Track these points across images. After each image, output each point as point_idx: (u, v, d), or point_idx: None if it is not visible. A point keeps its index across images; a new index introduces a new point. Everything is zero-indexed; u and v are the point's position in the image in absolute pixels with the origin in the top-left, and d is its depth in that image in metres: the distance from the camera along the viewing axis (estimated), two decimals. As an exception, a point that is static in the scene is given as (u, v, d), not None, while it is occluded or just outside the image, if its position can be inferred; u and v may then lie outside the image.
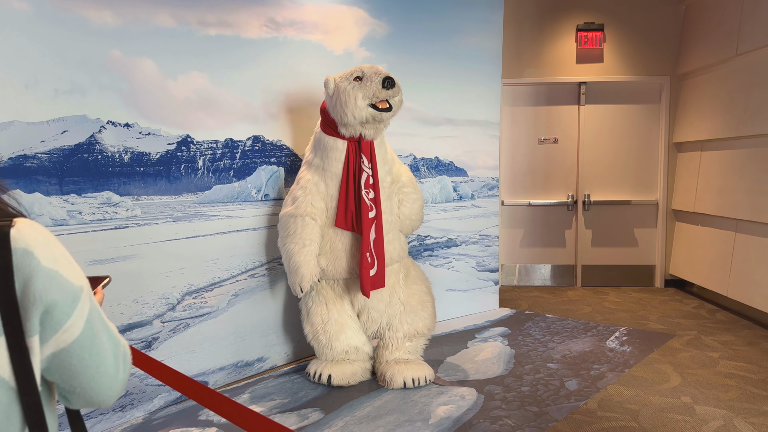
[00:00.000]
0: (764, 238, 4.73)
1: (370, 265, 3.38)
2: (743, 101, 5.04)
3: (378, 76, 3.28)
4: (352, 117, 3.27)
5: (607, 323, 4.92)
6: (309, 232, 3.38)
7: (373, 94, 3.26)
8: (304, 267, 3.35)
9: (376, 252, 3.41)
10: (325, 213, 3.46)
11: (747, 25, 4.99)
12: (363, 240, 3.37)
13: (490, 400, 3.34)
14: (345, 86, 3.29)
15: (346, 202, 3.41)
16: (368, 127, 3.37)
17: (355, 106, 3.25)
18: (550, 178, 6.45)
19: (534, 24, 6.21)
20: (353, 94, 3.25)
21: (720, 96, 5.42)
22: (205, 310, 3.47)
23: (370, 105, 3.28)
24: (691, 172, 5.92)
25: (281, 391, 3.50)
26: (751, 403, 3.29)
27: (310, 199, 3.42)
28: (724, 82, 5.37)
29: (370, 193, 3.41)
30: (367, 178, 3.41)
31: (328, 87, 3.37)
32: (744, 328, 4.75)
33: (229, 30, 3.55)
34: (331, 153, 3.42)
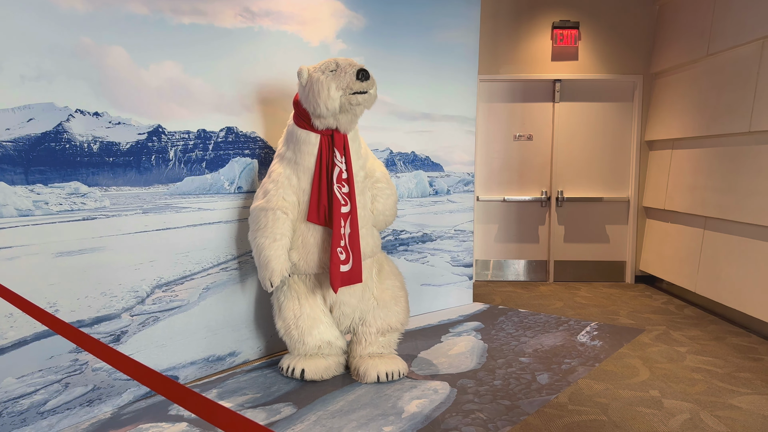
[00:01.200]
0: (731, 236, 4.83)
1: (343, 261, 3.36)
2: (714, 101, 5.13)
3: (353, 68, 3.26)
4: (325, 108, 3.24)
5: (579, 318, 4.99)
6: (280, 226, 3.35)
7: (347, 85, 3.23)
8: (275, 261, 3.32)
9: (352, 247, 3.39)
10: (297, 207, 3.44)
11: (718, 26, 5.08)
12: (334, 235, 3.34)
13: (463, 394, 3.36)
14: (318, 76, 3.26)
15: (319, 197, 3.38)
16: (342, 117, 3.33)
17: (328, 97, 3.22)
18: (525, 175, 6.50)
19: (510, 21, 6.24)
20: (327, 84, 3.22)
21: (691, 95, 5.52)
22: (175, 303, 3.42)
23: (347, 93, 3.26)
24: (662, 170, 6.02)
25: (253, 386, 3.47)
26: (716, 396, 3.36)
27: (281, 192, 3.39)
28: (696, 81, 5.46)
29: (344, 188, 3.39)
30: (339, 172, 3.38)
31: (301, 77, 3.34)
32: (711, 324, 4.85)
33: (203, 19, 3.49)
34: (304, 146, 3.39)
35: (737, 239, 4.74)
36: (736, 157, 4.79)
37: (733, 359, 3.98)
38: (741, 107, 4.70)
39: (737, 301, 4.66)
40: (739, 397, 3.35)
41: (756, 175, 4.50)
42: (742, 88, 4.73)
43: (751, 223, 4.52)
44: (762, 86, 4.47)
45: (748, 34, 4.63)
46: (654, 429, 2.96)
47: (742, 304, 4.59)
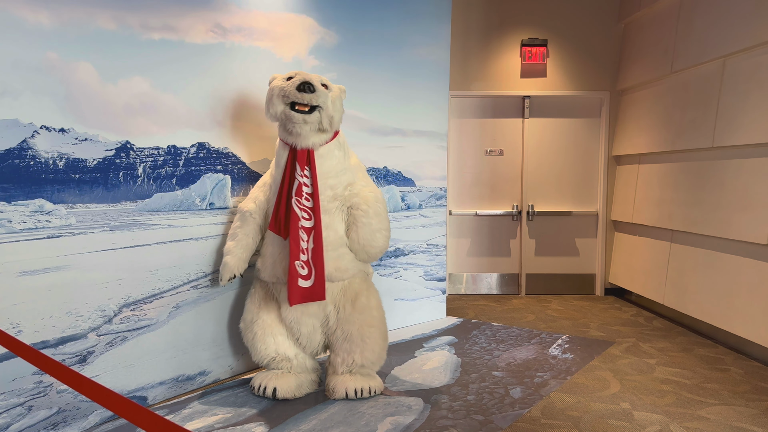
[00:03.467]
0: (697, 248, 4.94)
1: (304, 276, 3.31)
2: (678, 116, 5.27)
3: (300, 78, 3.28)
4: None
5: (550, 331, 5.03)
6: (244, 227, 3.54)
7: (286, 94, 3.27)
8: (229, 257, 3.50)
9: (315, 263, 3.32)
10: (266, 214, 3.57)
11: (681, 44, 5.24)
12: (292, 249, 3.30)
13: (437, 410, 3.35)
14: (275, 82, 3.38)
15: (278, 208, 3.39)
16: (287, 132, 3.38)
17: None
18: (496, 189, 6.57)
19: (480, 38, 6.34)
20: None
21: (656, 111, 5.65)
22: (144, 322, 3.35)
23: (287, 105, 3.28)
24: (630, 185, 6.14)
25: (224, 406, 3.41)
26: (685, 408, 3.42)
27: (255, 196, 3.58)
28: (661, 98, 5.61)
29: (308, 202, 3.35)
30: (299, 186, 3.34)
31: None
32: (679, 335, 4.94)
33: (173, 35, 3.46)
34: (278, 158, 3.50)
35: (703, 252, 4.86)
36: (701, 171, 4.91)
37: (701, 370, 4.05)
38: (704, 123, 4.84)
39: (704, 313, 4.76)
40: (707, 408, 3.41)
41: (720, 190, 4.63)
42: (705, 105, 4.86)
43: (716, 236, 4.63)
44: (724, 103, 4.61)
45: (709, 53, 4.78)
46: (625, 441, 2.99)
47: (709, 316, 4.69)
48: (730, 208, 4.47)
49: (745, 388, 3.73)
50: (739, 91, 4.44)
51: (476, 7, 6.30)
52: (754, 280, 4.21)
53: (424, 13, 5.07)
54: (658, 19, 5.66)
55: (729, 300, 4.46)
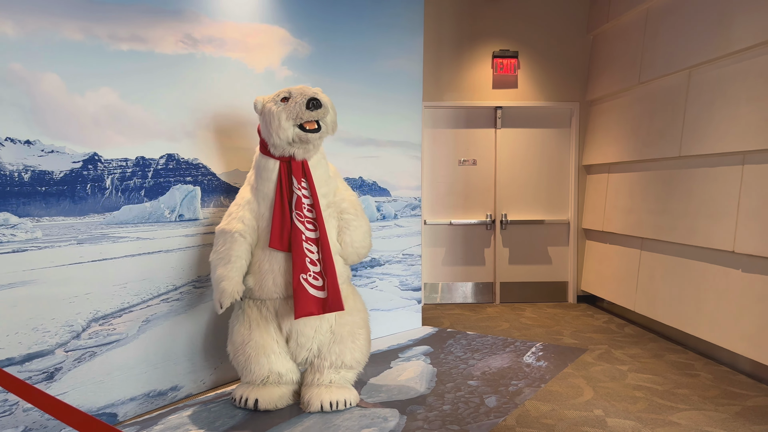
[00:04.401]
0: (667, 255, 5.03)
1: (318, 287, 3.32)
2: (646, 126, 5.38)
3: (303, 97, 3.28)
4: (278, 138, 3.29)
5: (524, 339, 5.06)
6: (236, 249, 3.37)
7: (297, 115, 3.26)
8: (225, 282, 3.32)
9: (327, 272, 3.34)
10: (255, 232, 3.44)
11: (648, 56, 5.35)
12: (296, 262, 3.29)
13: (413, 421, 3.34)
14: (271, 107, 3.32)
15: (282, 223, 3.35)
16: (296, 147, 3.35)
17: (279, 127, 3.27)
18: (470, 198, 6.61)
19: (452, 50, 6.40)
20: (278, 116, 3.27)
21: (625, 121, 5.76)
22: (113, 337, 3.28)
23: (297, 126, 3.27)
24: (600, 193, 6.24)
25: (197, 421, 3.35)
26: (657, 413, 3.46)
27: (241, 215, 3.42)
28: (629, 108, 5.72)
29: (311, 213, 3.37)
30: (298, 199, 3.36)
31: (256, 108, 3.41)
32: (650, 341, 5.01)
33: (142, 45, 3.42)
34: (263, 173, 3.42)
35: (672, 259, 4.95)
36: (668, 180, 5.01)
37: (672, 376, 4.11)
38: (671, 133, 4.95)
39: (673, 319, 4.84)
40: (678, 413, 3.46)
41: (687, 198, 4.73)
42: (671, 115, 4.97)
43: (684, 243, 4.72)
44: (690, 113, 4.72)
45: (676, 64, 4.89)
46: (598, 448, 3.01)
47: (678, 322, 4.77)
48: (697, 215, 4.57)
49: (714, 392, 3.79)
50: (704, 102, 4.55)
51: (448, 19, 6.37)
52: (721, 286, 4.30)
53: (396, 25, 5.11)
54: (626, 31, 5.79)
55: (697, 306, 4.54)
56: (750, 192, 4.03)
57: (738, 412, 3.46)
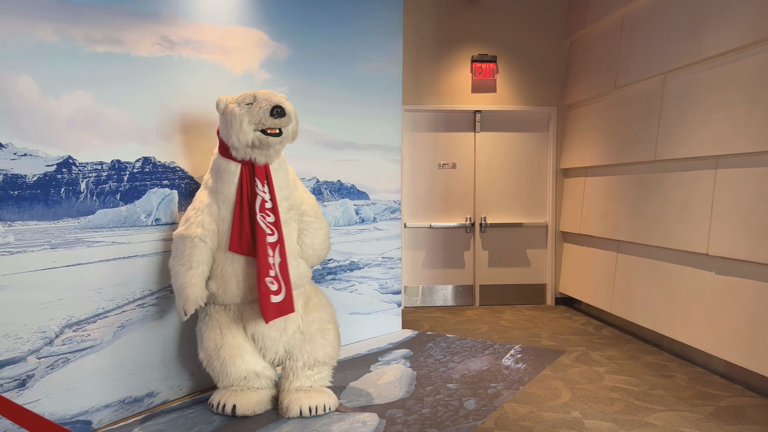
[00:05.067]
0: (642, 258, 5.10)
1: (275, 291, 3.30)
2: (622, 131, 5.45)
3: (268, 103, 3.25)
4: (237, 140, 3.26)
5: (503, 341, 5.09)
6: (197, 254, 3.32)
7: (259, 121, 3.24)
8: (189, 289, 3.27)
9: (283, 276, 3.33)
10: (216, 236, 3.40)
11: (624, 62, 5.43)
12: (260, 265, 3.28)
13: (392, 425, 3.33)
14: (233, 108, 3.29)
15: (241, 226, 3.33)
16: (257, 152, 3.33)
17: (240, 130, 3.24)
18: (450, 202, 6.64)
19: (432, 54, 6.43)
20: (240, 118, 3.24)
21: (601, 126, 5.84)
22: (87, 343, 3.23)
23: (259, 130, 3.26)
24: (577, 197, 6.31)
25: (173, 428, 3.31)
26: (633, 414, 3.50)
27: (200, 220, 3.36)
28: (605, 112, 5.79)
29: (269, 217, 3.35)
30: (262, 201, 3.34)
31: (218, 107, 3.37)
32: (627, 343, 5.07)
33: (118, 47, 3.38)
34: (224, 175, 3.38)
35: (647, 261, 5.02)
36: (644, 184, 5.09)
37: (648, 377, 4.17)
38: (646, 137, 5.02)
39: (649, 321, 4.91)
40: (654, 414, 3.51)
41: (662, 201, 4.80)
42: (647, 120, 5.05)
43: (659, 246, 4.79)
44: (665, 118, 4.80)
45: (651, 70, 4.97)
46: (575, 450, 3.03)
47: (654, 324, 4.83)
48: (671, 218, 4.64)
49: (689, 393, 3.85)
50: (678, 107, 4.63)
51: (427, 23, 6.40)
52: (695, 288, 4.37)
53: (375, 28, 5.12)
54: (602, 37, 5.87)
55: (672, 308, 4.61)
56: (723, 196, 4.11)
57: (712, 413, 3.52)
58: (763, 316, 3.72)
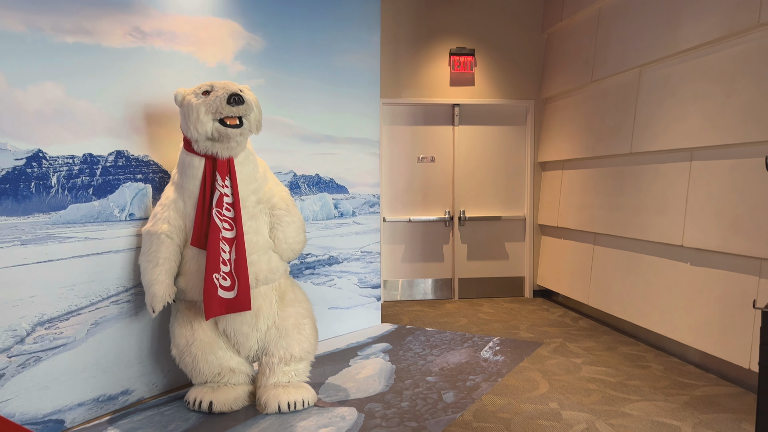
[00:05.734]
0: (618, 250, 5.15)
1: (227, 287, 3.26)
2: (598, 124, 5.49)
3: (225, 92, 3.20)
4: (195, 131, 3.21)
5: (482, 334, 5.11)
6: (164, 251, 3.29)
7: (216, 110, 3.18)
8: (156, 286, 3.25)
9: (238, 273, 3.28)
10: (183, 231, 3.36)
11: (600, 55, 5.46)
12: (209, 260, 3.22)
13: (371, 419, 3.33)
14: (191, 99, 3.24)
15: (202, 221, 3.29)
16: (218, 145, 3.27)
17: (197, 120, 3.18)
18: (429, 195, 6.64)
19: (410, 47, 6.40)
20: (197, 108, 3.19)
21: (578, 119, 5.87)
22: (60, 341, 3.16)
23: (218, 120, 3.20)
24: (554, 190, 6.35)
25: (149, 425, 3.26)
26: (610, 405, 3.54)
27: (167, 216, 3.33)
28: (582, 106, 5.83)
29: (230, 212, 3.29)
30: (220, 197, 3.28)
31: (177, 100, 3.31)
32: (604, 334, 5.12)
33: (88, 38, 3.30)
34: (188, 170, 3.33)
35: (623, 253, 5.07)
36: (620, 176, 5.13)
37: (624, 368, 4.21)
38: (622, 130, 5.06)
39: (626, 312, 4.96)
40: (630, 404, 3.55)
41: (638, 193, 4.85)
42: (623, 113, 5.09)
43: (635, 238, 4.84)
44: (640, 111, 4.84)
45: (627, 63, 5.01)
46: (553, 441, 3.06)
47: (630, 315, 4.89)
48: (647, 210, 4.69)
49: (665, 383, 3.90)
50: (653, 99, 4.68)
51: (405, 15, 6.37)
52: (670, 280, 4.43)
53: (353, 20, 5.07)
54: (579, 30, 5.90)
55: (648, 299, 4.67)
56: (697, 188, 4.16)
57: (687, 402, 3.57)
58: (736, 306, 3.78)
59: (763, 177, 3.59)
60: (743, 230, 3.71)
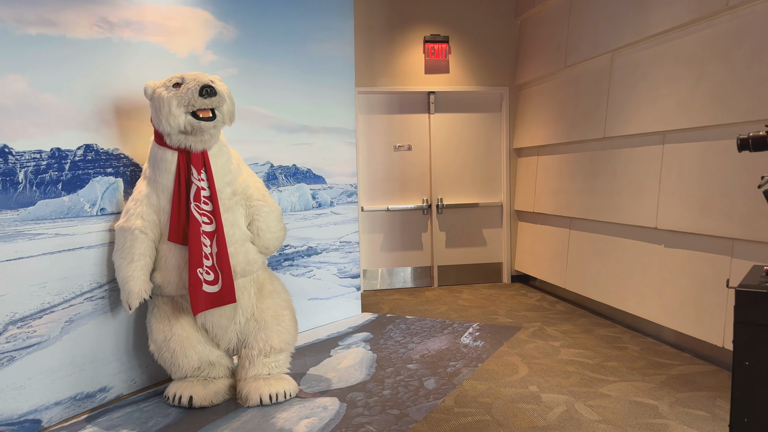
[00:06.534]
0: (594, 234, 5.21)
1: (211, 282, 3.23)
2: (572, 109, 5.53)
3: (196, 83, 3.15)
4: (168, 125, 3.16)
5: (462, 320, 5.14)
6: (138, 246, 3.24)
7: (189, 102, 3.14)
8: (131, 283, 3.21)
9: (221, 266, 3.26)
10: (157, 227, 3.31)
11: (573, 40, 5.49)
12: (192, 255, 3.19)
13: (353, 408, 3.33)
14: (161, 92, 3.18)
15: (179, 216, 3.25)
16: (191, 138, 3.22)
17: (169, 114, 3.14)
18: (407, 184, 6.63)
19: (384, 34, 6.36)
20: (168, 102, 3.14)
21: (552, 105, 5.91)
22: (33, 340, 3.10)
23: (190, 113, 3.16)
24: (530, 175, 6.39)
25: (128, 422, 3.22)
26: (588, 386, 3.59)
27: (140, 211, 3.27)
28: (556, 91, 5.86)
29: (206, 206, 3.26)
30: (197, 190, 3.24)
31: (146, 94, 3.25)
32: (581, 317, 5.19)
33: (53, 29, 3.21)
34: (161, 164, 3.28)
35: (599, 237, 5.13)
36: (594, 161, 5.18)
37: (602, 349, 4.28)
38: (596, 115, 5.11)
39: (602, 295, 5.03)
40: (608, 385, 3.60)
41: (612, 177, 4.90)
42: (596, 98, 5.13)
43: (610, 221, 4.90)
44: (613, 95, 4.88)
45: (599, 48, 5.04)
46: (534, 424, 3.09)
47: (607, 297, 4.96)
48: (621, 194, 4.75)
49: (641, 363, 3.97)
50: (626, 84, 4.72)
51: (378, 3, 6.32)
52: (645, 262, 4.50)
53: (325, 7, 5.02)
54: (551, 15, 5.91)
55: (624, 281, 4.73)
56: (670, 170, 4.22)
57: (663, 381, 3.64)
58: (709, 286, 3.85)
59: (733, 158, 3.66)
60: (715, 211, 3.78)
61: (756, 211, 3.46)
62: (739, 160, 3.61)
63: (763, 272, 2.23)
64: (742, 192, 3.58)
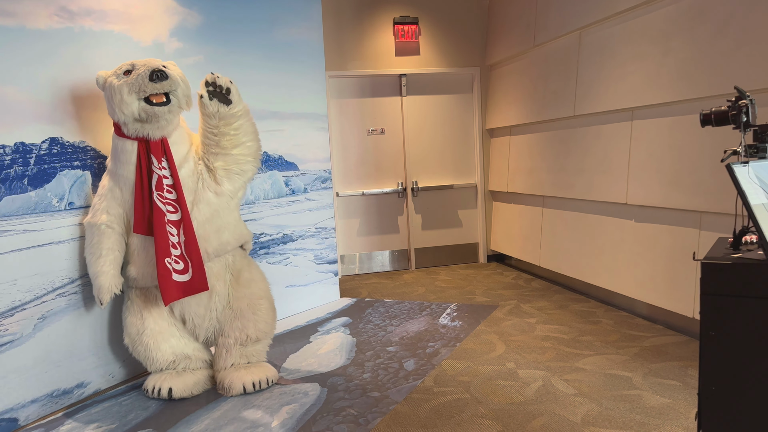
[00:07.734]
0: (566, 211, 5.28)
1: (181, 271, 3.21)
2: (542, 88, 5.56)
3: (146, 68, 3.10)
4: (122, 113, 3.11)
5: (440, 301, 5.19)
6: (106, 241, 3.23)
7: (140, 88, 3.08)
8: (101, 278, 3.20)
9: (190, 254, 3.23)
10: (123, 220, 3.29)
11: (542, 19, 5.51)
12: (158, 246, 3.16)
13: (334, 392, 3.35)
14: (112, 81, 3.13)
15: (143, 207, 3.21)
16: (147, 126, 3.17)
17: (122, 101, 3.08)
18: (381, 168, 6.63)
19: (353, 17, 6.31)
20: (119, 89, 3.09)
21: (523, 84, 5.93)
22: (6, 338, 3.05)
23: (143, 99, 3.10)
24: (503, 155, 6.44)
25: (107, 417, 3.20)
26: (564, 361, 3.66)
27: (105, 206, 3.25)
28: (526, 71, 5.89)
29: (171, 194, 3.22)
30: (159, 179, 3.20)
31: (98, 83, 3.20)
32: (555, 294, 5.28)
33: (11, 20, 3.12)
34: (121, 155, 3.23)
35: (571, 214, 5.20)
36: (565, 139, 5.23)
37: (576, 324, 4.36)
38: (565, 93, 5.15)
39: (575, 271, 5.12)
40: (583, 359, 3.68)
41: (582, 155, 4.96)
42: (565, 76, 5.17)
43: (581, 198, 4.97)
44: (582, 73, 4.92)
45: (567, 26, 5.06)
46: (512, 400, 3.15)
47: (580, 273, 5.04)
48: (592, 171, 4.81)
49: (615, 337, 4.06)
50: (594, 62, 4.76)
51: (346, -15, 6.25)
52: (616, 237, 4.58)
53: (292, -8, 4.95)
54: (520, -5, 5.92)
55: (596, 257, 4.82)
56: (639, 146, 4.28)
57: (637, 353, 3.73)
58: (679, 259, 3.94)
59: (700, 133, 3.72)
60: (683, 185, 3.85)
61: (722, 184, 3.54)
62: (706, 135, 3.68)
63: (727, 244, 2.29)
64: (709, 166, 3.65)
